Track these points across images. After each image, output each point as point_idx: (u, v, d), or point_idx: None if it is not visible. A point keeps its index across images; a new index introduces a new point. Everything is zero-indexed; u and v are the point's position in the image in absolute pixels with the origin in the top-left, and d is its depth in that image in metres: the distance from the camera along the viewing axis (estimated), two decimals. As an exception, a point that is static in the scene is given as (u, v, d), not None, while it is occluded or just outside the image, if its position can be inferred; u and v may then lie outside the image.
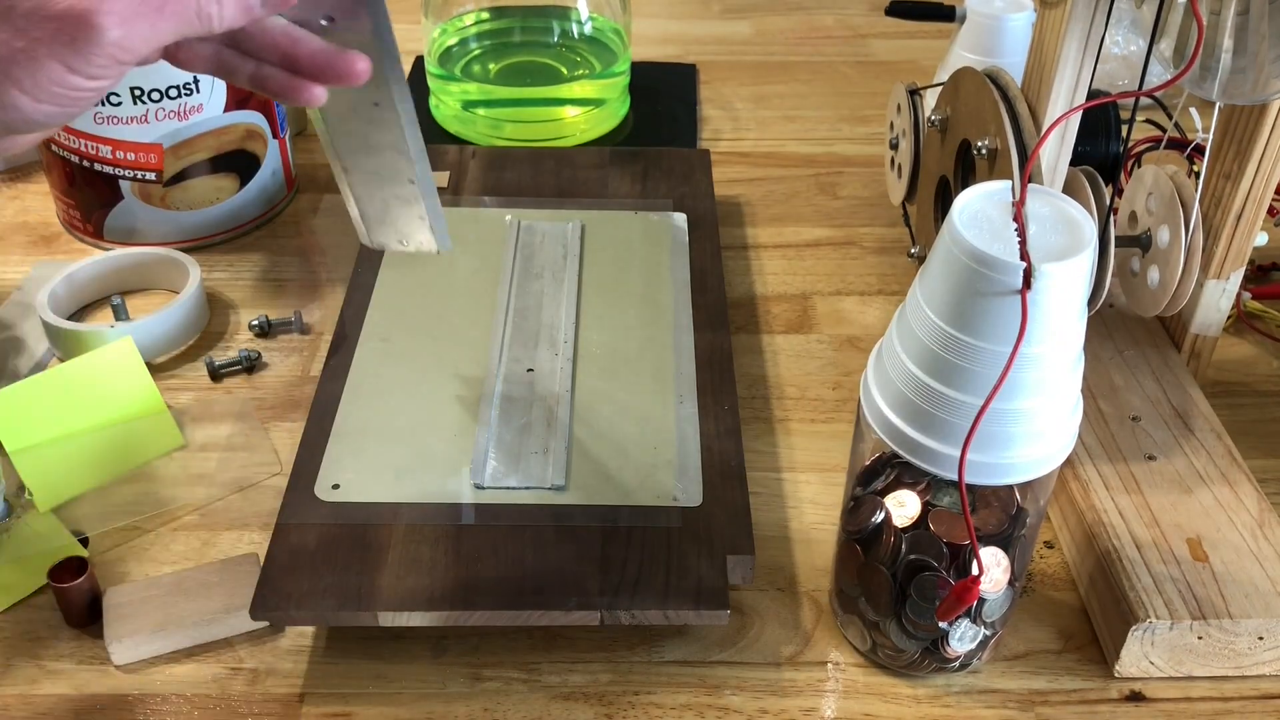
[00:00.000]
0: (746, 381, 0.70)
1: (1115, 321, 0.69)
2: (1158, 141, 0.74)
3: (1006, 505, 0.50)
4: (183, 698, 0.52)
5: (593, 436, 0.59)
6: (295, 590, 0.51)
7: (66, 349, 0.68)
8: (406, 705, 0.52)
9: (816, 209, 0.87)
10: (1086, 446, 0.60)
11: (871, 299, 0.78)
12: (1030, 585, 0.58)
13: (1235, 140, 0.60)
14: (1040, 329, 0.42)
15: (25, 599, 0.56)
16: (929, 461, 0.45)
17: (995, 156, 0.60)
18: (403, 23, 1.13)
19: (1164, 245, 0.61)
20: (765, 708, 0.52)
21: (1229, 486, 0.58)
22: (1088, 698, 0.53)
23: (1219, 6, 0.51)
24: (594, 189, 0.79)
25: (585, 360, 0.64)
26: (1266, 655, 0.53)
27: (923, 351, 0.44)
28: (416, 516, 0.54)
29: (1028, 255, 0.41)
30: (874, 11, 1.18)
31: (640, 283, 0.70)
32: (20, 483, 0.60)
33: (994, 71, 0.63)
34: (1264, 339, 0.74)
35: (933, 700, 0.53)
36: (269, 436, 0.65)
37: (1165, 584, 0.52)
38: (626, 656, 0.54)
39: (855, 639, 0.54)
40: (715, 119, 0.99)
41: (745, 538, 0.54)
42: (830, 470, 0.64)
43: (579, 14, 0.95)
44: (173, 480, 0.62)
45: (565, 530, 0.54)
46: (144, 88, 0.72)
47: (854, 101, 1.02)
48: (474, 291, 0.69)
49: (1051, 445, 0.45)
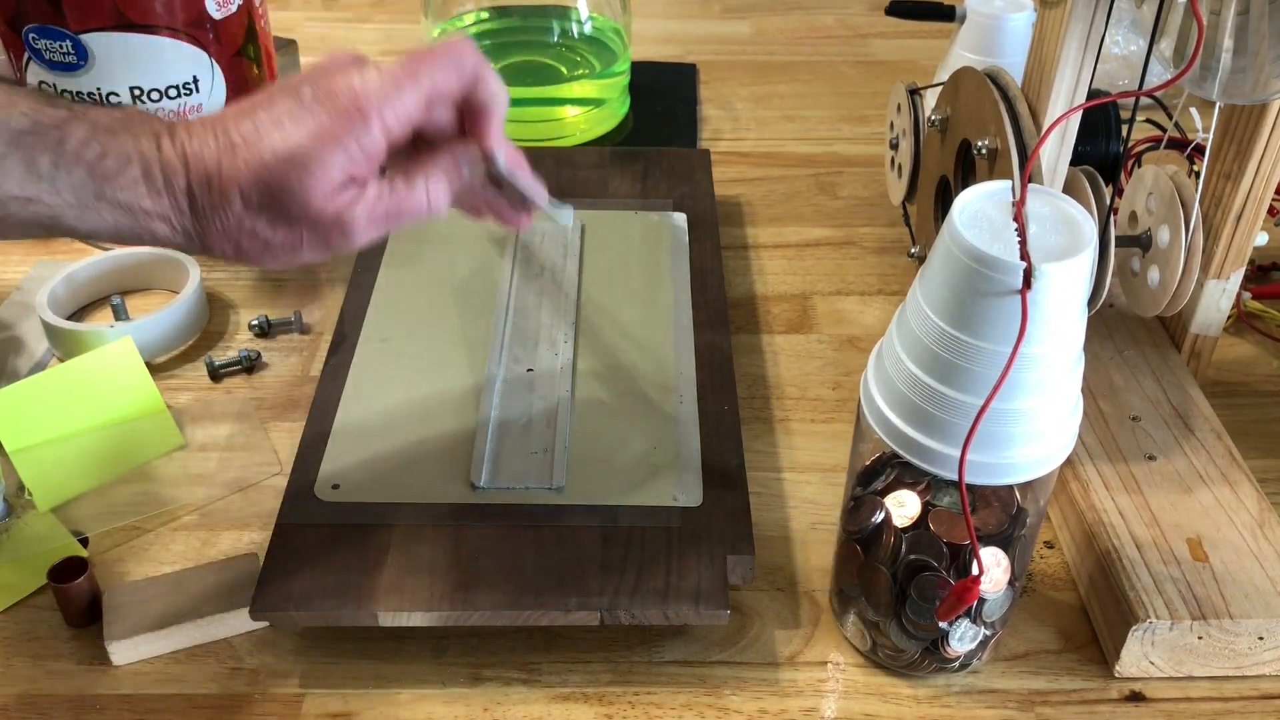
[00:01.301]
0: (746, 381, 0.70)
1: (1115, 321, 0.69)
2: (1158, 141, 0.74)
3: (1006, 505, 0.50)
4: (183, 698, 0.52)
5: (593, 436, 0.59)
6: (295, 590, 0.51)
7: (66, 349, 0.68)
8: (406, 705, 0.52)
9: (816, 209, 0.87)
10: (1086, 446, 0.60)
11: (871, 299, 0.77)
12: (1030, 585, 0.58)
13: (1235, 140, 0.60)
14: (1040, 329, 0.42)
15: (25, 599, 0.56)
16: (929, 461, 0.45)
17: (995, 156, 0.60)
18: (403, 23, 1.14)
19: (1164, 245, 0.61)
20: (765, 708, 0.52)
21: (1229, 486, 0.58)
22: (1088, 698, 0.53)
23: (1219, 6, 0.51)
24: (594, 189, 0.79)
25: (585, 360, 0.64)
26: (1266, 655, 0.53)
27: (923, 351, 0.44)
28: (416, 516, 0.54)
29: (1028, 255, 0.41)
30: (874, 11, 1.18)
31: (640, 283, 0.70)
32: (20, 483, 0.60)
33: (994, 71, 0.63)
34: (1264, 339, 0.74)
35: (933, 700, 0.53)
36: (269, 436, 0.65)
37: (1165, 584, 0.52)
38: (626, 656, 0.54)
39: (855, 639, 0.54)
40: (715, 119, 0.99)
41: (745, 538, 0.54)
42: (830, 470, 0.64)
43: (579, 14, 0.95)
44: (173, 480, 0.62)
45: (565, 530, 0.54)
46: (144, 87, 0.72)
47: (854, 101, 1.02)
48: (474, 291, 0.69)
49: (1051, 445, 0.45)
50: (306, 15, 1.15)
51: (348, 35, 1.11)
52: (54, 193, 0.45)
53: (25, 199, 0.44)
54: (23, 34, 0.69)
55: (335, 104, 0.45)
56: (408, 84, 0.46)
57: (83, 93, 0.71)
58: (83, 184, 0.45)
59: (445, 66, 0.47)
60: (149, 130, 0.46)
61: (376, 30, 1.13)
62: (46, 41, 0.69)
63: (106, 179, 0.45)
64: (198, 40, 0.72)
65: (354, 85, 0.45)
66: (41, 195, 0.45)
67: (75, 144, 0.44)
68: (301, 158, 0.44)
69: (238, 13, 0.74)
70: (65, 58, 0.70)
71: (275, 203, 0.45)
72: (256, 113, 0.45)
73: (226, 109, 0.47)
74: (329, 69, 0.46)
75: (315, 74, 0.46)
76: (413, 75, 0.46)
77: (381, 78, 0.46)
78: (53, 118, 0.44)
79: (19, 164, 0.44)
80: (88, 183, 0.45)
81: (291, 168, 0.44)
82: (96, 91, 0.71)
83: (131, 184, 0.45)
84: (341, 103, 0.45)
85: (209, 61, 0.74)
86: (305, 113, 0.45)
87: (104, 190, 0.45)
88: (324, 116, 0.45)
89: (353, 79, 0.46)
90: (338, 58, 0.47)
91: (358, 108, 0.45)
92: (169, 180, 0.45)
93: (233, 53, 0.75)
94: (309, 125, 0.45)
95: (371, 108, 0.45)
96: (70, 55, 0.70)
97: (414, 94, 0.46)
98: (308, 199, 0.45)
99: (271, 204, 0.45)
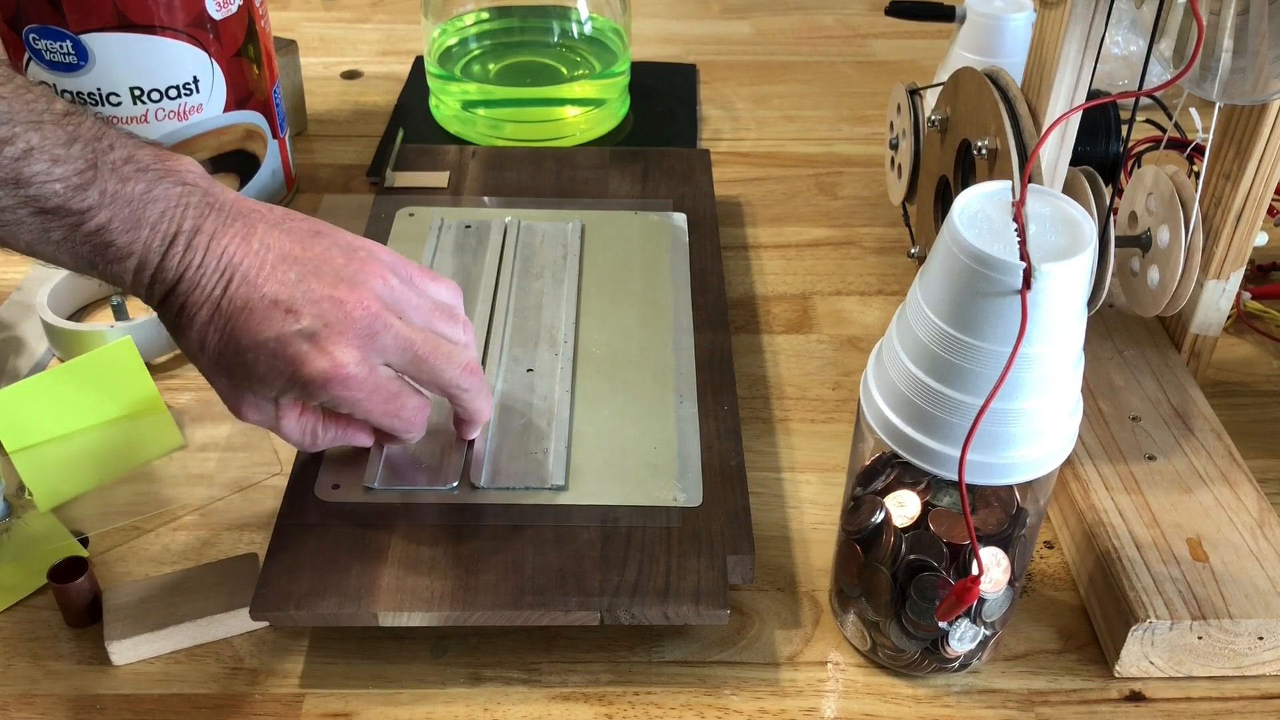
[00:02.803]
0: (746, 381, 0.70)
1: (1115, 321, 0.69)
2: (1158, 141, 0.74)
3: (1006, 505, 0.50)
4: (183, 698, 0.52)
5: (593, 436, 0.59)
6: (295, 590, 0.51)
7: (66, 349, 0.68)
8: (406, 705, 0.52)
9: (816, 209, 0.87)
10: (1086, 446, 0.60)
11: (871, 299, 0.78)
12: (1030, 585, 0.58)
13: (1235, 140, 0.60)
14: (1040, 329, 0.42)
15: (25, 599, 0.56)
16: (929, 461, 0.45)
17: (995, 156, 0.60)
18: (403, 23, 1.14)
19: (1164, 245, 0.61)
20: (765, 708, 0.52)
21: (1229, 486, 0.58)
22: (1088, 698, 0.53)
23: (1219, 6, 0.51)
24: (594, 189, 0.79)
25: (585, 360, 0.64)
26: (1266, 655, 0.53)
27: (923, 351, 0.44)
28: (416, 516, 0.54)
29: (1028, 255, 0.41)
30: (874, 11, 1.18)
31: (640, 283, 0.70)
32: (20, 483, 0.60)
33: (994, 71, 0.63)
34: (1264, 339, 0.74)
35: (933, 700, 0.53)
36: (269, 436, 0.65)
37: (1165, 584, 0.52)
38: (626, 656, 0.54)
39: (855, 639, 0.54)
40: (715, 119, 0.99)
41: (745, 538, 0.54)
42: (830, 470, 0.64)
43: (579, 14, 0.95)
44: (173, 480, 0.62)
45: (565, 530, 0.54)
46: (144, 88, 0.72)
47: (854, 101, 1.02)
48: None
49: (1051, 445, 0.45)
50: (306, 15, 1.15)
51: (348, 35, 1.12)
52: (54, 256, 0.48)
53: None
54: (23, 34, 0.69)
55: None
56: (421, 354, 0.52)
57: (83, 93, 0.71)
58: (84, 260, 0.48)
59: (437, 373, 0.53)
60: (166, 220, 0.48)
61: (376, 30, 1.13)
62: (46, 42, 0.69)
63: (103, 260, 0.48)
64: (198, 40, 0.72)
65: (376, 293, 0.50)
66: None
67: (90, 228, 0.47)
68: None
69: (238, 13, 0.74)
70: (65, 58, 0.70)
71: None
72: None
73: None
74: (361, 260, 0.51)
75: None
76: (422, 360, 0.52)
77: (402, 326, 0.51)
78: (80, 203, 0.46)
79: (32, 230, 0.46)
80: (87, 258, 0.48)
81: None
82: (97, 91, 0.71)
83: (120, 272, 0.48)
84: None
85: (209, 61, 0.74)
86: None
87: (96, 263, 0.48)
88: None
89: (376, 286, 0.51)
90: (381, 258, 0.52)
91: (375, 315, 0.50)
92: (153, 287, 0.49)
93: (233, 53, 0.75)
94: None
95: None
96: (70, 55, 0.70)
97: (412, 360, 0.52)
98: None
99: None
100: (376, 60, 1.07)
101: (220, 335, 0.48)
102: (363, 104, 1.00)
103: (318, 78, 1.03)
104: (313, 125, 0.96)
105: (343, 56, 1.08)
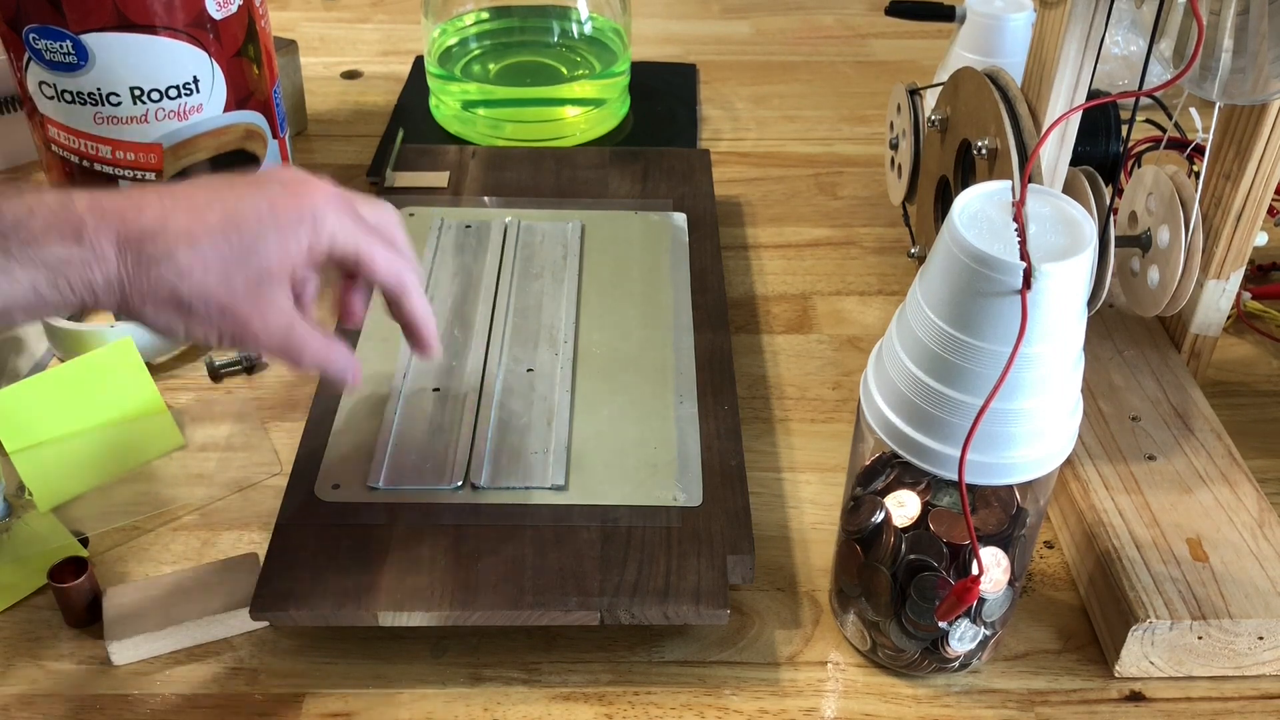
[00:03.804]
0: (746, 381, 0.70)
1: (1115, 321, 0.69)
2: (1158, 141, 0.74)
3: (1006, 505, 0.50)
4: (183, 698, 0.52)
5: (593, 436, 0.59)
6: (295, 590, 0.51)
7: (66, 349, 0.68)
8: (406, 705, 0.52)
9: (816, 209, 0.87)
10: (1086, 446, 0.60)
11: (871, 299, 0.78)
12: (1030, 585, 0.58)
13: (1235, 140, 0.60)
14: (1040, 329, 0.42)
15: (25, 599, 0.56)
16: (929, 461, 0.45)
17: (995, 156, 0.60)
18: (403, 23, 1.14)
19: (1164, 245, 0.61)
20: (765, 708, 0.52)
21: (1229, 486, 0.58)
22: (1088, 698, 0.53)
23: (1219, 6, 0.51)
24: (594, 189, 0.79)
25: (585, 360, 0.64)
26: (1266, 655, 0.53)
27: (923, 351, 0.44)
28: (416, 516, 0.54)
29: (1028, 255, 0.41)
30: (874, 11, 1.18)
31: (640, 283, 0.70)
32: (20, 483, 0.60)
33: (994, 71, 0.63)
34: (1264, 339, 0.74)
35: (933, 700, 0.53)
36: (269, 436, 0.65)
37: (1165, 584, 0.52)
38: (626, 656, 0.54)
39: (855, 639, 0.54)
40: (715, 119, 0.99)
41: (745, 538, 0.54)
42: (830, 470, 0.64)
43: (579, 14, 0.95)
44: (173, 480, 0.62)
45: (565, 530, 0.54)
46: (144, 88, 0.72)
47: (854, 101, 1.02)
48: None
49: (1051, 445, 0.45)
50: (306, 15, 1.15)
51: (348, 35, 1.12)
52: None
53: None
54: (23, 34, 0.69)
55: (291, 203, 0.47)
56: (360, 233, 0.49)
57: (83, 93, 0.71)
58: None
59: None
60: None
61: (376, 30, 1.13)
62: (46, 42, 0.69)
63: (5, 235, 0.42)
64: (198, 40, 0.72)
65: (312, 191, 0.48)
66: None
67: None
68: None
69: (238, 13, 0.74)
70: (65, 58, 0.70)
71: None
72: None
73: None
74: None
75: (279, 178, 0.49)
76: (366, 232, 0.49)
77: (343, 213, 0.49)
78: None
79: None
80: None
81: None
82: (96, 92, 0.71)
83: (42, 234, 0.42)
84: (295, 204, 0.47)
85: (209, 61, 0.73)
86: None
87: (9, 248, 0.42)
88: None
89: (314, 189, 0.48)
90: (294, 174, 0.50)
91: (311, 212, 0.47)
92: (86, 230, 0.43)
93: (233, 53, 0.75)
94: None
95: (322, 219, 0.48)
96: (70, 55, 0.70)
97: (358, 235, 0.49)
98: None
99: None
100: (376, 60, 1.07)
101: (204, 264, 0.45)
102: (363, 104, 1.00)
103: (318, 78, 1.03)
104: (313, 125, 0.96)
105: (343, 56, 1.08)
